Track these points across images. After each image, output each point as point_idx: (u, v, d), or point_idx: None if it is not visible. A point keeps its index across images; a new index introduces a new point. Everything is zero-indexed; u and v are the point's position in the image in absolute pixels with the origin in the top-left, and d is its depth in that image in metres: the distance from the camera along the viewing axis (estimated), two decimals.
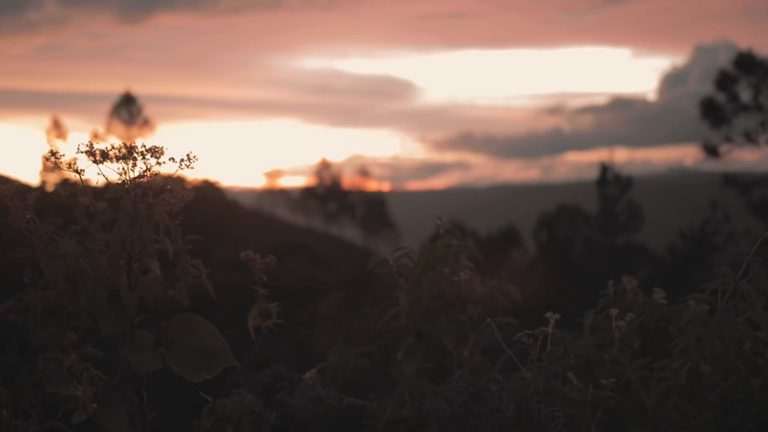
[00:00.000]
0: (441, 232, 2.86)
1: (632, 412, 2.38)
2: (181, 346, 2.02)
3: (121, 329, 1.97)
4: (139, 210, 1.94)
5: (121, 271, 1.97)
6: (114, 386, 2.02)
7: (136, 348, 1.97)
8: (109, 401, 2.00)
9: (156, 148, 1.96)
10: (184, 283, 2.04)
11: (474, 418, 2.50)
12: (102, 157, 1.93)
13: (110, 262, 1.97)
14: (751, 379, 2.31)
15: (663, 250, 35.88)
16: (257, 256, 2.28)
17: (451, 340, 2.77)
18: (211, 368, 2.02)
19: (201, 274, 2.06)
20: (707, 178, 46.67)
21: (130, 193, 1.94)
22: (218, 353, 2.04)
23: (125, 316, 1.98)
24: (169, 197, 1.98)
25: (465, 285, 2.79)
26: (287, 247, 38.19)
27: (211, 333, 2.05)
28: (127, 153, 1.94)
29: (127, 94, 51.84)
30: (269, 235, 45.94)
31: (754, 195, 32.62)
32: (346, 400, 2.72)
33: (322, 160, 77.52)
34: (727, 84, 33.93)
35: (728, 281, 2.37)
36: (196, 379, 2.00)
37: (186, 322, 2.05)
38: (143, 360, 1.95)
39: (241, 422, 2.61)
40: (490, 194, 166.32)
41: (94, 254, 1.95)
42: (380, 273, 2.86)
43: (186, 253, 2.03)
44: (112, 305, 1.97)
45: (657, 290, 2.72)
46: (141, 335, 2.01)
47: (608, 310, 2.55)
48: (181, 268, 2.03)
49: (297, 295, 18.50)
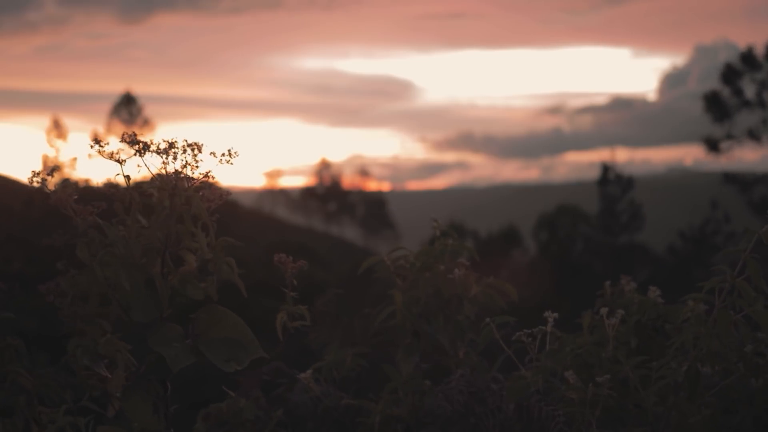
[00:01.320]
0: (437, 233, 2.88)
1: (631, 411, 2.38)
2: (209, 337, 2.04)
3: (153, 317, 1.99)
4: (176, 202, 1.97)
5: (156, 260, 2.00)
6: (140, 375, 2.04)
7: (165, 340, 1.99)
8: (134, 389, 2.02)
9: (196, 143, 1.98)
10: (216, 279, 2.06)
11: (475, 417, 2.51)
12: (144, 148, 1.95)
13: (145, 251, 1.99)
14: (751, 379, 2.32)
15: (663, 250, 35.90)
16: (290, 259, 2.31)
17: (448, 339, 2.78)
18: (240, 359, 2.04)
19: (234, 272, 2.08)
20: (707, 178, 46.68)
21: (169, 185, 1.96)
22: (245, 344, 2.06)
23: (159, 305, 2.00)
24: (209, 193, 2.01)
25: (461, 282, 2.79)
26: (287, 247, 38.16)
27: (237, 325, 2.07)
28: (169, 146, 1.97)
29: (127, 94, 51.89)
30: (269, 235, 45.96)
31: (755, 194, 32.64)
32: (344, 400, 2.73)
33: (322, 160, 77.62)
34: (732, 78, 33.94)
35: (725, 279, 2.37)
36: (229, 369, 2.01)
37: (212, 315, 2.07)
38: (177, 354, 1.96)
39: (237, 426, 2.62)
40: (490, 194, 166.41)
41: (133, 242, 1.98)
42: (378, 276, 2.87)
43: (221, 250, 2.05)
44: (144, 293, 1.99)
45: (652, 288, 2.72)
46: (170, 327, 2.03)
47: (606, 308, 2.56)
48: (213, 264, 2.05)
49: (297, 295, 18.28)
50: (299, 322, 2.34)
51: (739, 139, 33.85)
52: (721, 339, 2.32)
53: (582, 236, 38.27)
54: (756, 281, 2.34)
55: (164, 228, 1.98)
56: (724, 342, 2.32)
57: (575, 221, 39.00)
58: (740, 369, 2.32)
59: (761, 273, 2.35)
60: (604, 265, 35.05)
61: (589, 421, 2.32)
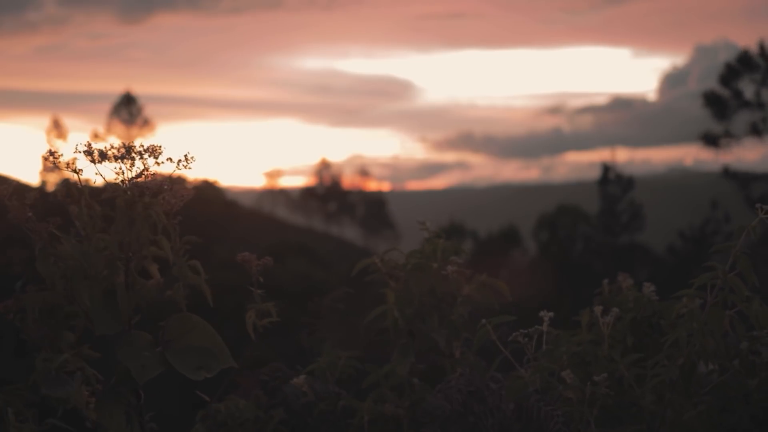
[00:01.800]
0: (426, 236, 2.86)
1: (627, 409, 2.37)
2: (179, 346, 2.01)
3: (117, 329, 1.96)
4: (136, 210, 1.93)
5: (119, 271, 1.96)
6: (111, 386, 2.02)
7: (134, 350, 1.96)
8: (106, 401, 1.99)
9: (154, 147, 1.95)
10: (182, 285, 2.03)
11: (474, 416, 2.51)
12: (100, 157, 1.92)
13: (107, 262, 1.96)
14: (747, 377, 2.31)
15: (663, 250, 35.89)
16: (254, 257, 2.27)
17: (443, 339, 2.77)
18: (210, 368, 2.01)
19: (199, 276, 2.04)
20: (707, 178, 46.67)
21: (128, 193, 1.93)
22: (216, 353, 2.03)
23: (119, 318, 1.96)
24: (169, 197, 1.97)
25: (454, 279, 2.78)
26: (287, 247, 38.20)
27: (208, 333, 2.04)
28: (126, 153, 1.93)
29: (127, 94, 51.88)
30: (269, 235, 45.94)
31: (754, 190, 32.61)
32: (340, 403, 2.72)
33: (322, 160, 77.60)
34: (730, 78, 33.92)
35: (717, 275, 2.36)
36: (197, 377, 1.99)
37: (183, 322, 2.04)
38: (143, 365, 1.93)
39: (236, 427, 2.61)
40: (490, 194, 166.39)
41: (92, 254, 1.94)
42: (372, 279, 2.87)
43: (183, 255, 2.02)
44: (108, 305, 1.96)
45: (647, 285, 2.71)
46: (138, 336, 2.00)
47: (600, 307, 2.55)
48: (178, 269, 2.02)
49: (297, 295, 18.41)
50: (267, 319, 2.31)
51: (738, 137, 33.84)
52: (713, 335, 2.31)
53: (582, 236, 38.24)
54: (747, 277, 2.34)
55: (124, 237, 1.94)
56: (716, 339, 2.31)
57: (575, 221, 38.98)
58: (735, 366, 2.32)
59: (752, 269, 2.34)
60: (604, 265, 35.02)
61: (587, 420, 2.32)
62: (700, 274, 2.42)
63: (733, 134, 33.85)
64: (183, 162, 1.97)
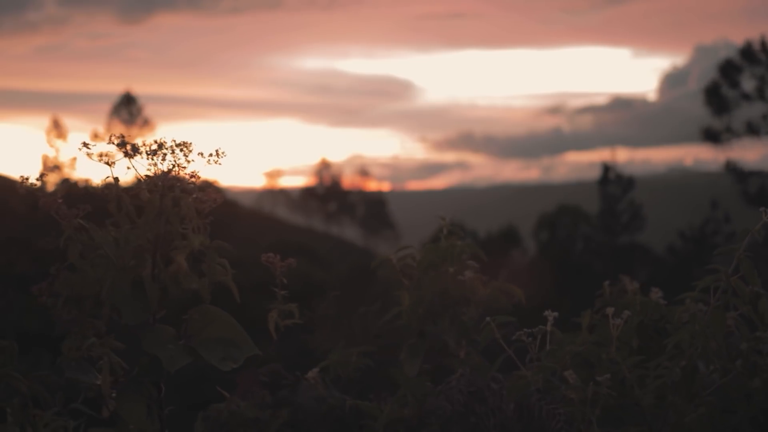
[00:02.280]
0: (444, 231, 2.84)
1: (629, 410, 2.37)
2: (201, 338, 2.03)
3: (143, 319, 1.98)
4: (166, 203, 1.96)
5: (146, 262, 1.99)
6: (134, 377, 2.03)
7: (159, 342, 1.98)
8: (128, 392, 2.01)
9: (185, 143, 1.97)
10: (209, 280, 2.04)
11: (475, 417, 2.50)
12: (133, 150, 1.94)
13: (135, 252, 1.98)
14: (749, 378, 2.30)
15: (663, 250, 35.89)
16: (278, 258, 2.31)
17: (454, 340, 2.76)
18: (235, 358, 2.03)
19: (227, 274, 2.06)
20: (707, 178, 46.69)
21: (158, 185, 1.95)
22: (239, 343, 2.05)
23: (147, 308, 1.98)
24: (202, 196, 1.99)
25: (470, 284, 2.77)
26: (287, 247, 38.22)
27: (229, 324, 2.06)
28: (157, 148, 1.96)
29: (127, 94, 51.85)
30: (269, 235, 45.94)
31: (752, 185, 32.60)
32: (348, 402, 2.71)
33: (322, 160, 77.57)
34: (731, 72, 33.90)
35: (719, 278, 2.36)
36: (224, 368, 2.00)
37: (205, 315, 2.06)
38: (172, 355, 1.95)
39: (236, 428, 2.60)
40: (490, 194, 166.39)
41: (121, 244, 1.97)
42: (382, 274, 2.85)
43: (214, 252, 2.04)
44: (135, 296, 1.98)
45: (654, 290, 2.71)
46: (163, 328, 2.02)
47: (605, 310, 2.54)
48: (207, 266, 2.04)
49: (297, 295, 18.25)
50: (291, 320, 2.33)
51: (738, 133, 33.83)
52: (715, 337, 2.30)
53: (582, 236, 38.25)
54: (750, 280, 2.33)
55: (153, 229, 1.96)
56: (718, 341, 2.31)
57: (576, 221, 38.98)
58: (737, 368, 2.32)
59: (756, 272, 2.33)
60: (604, 265, 35.02)
61: (589, 420, 2.31)
62: (701, 275, 2.42)
63: (733, 130, 33.83)
64: (213, 157, 1.98)
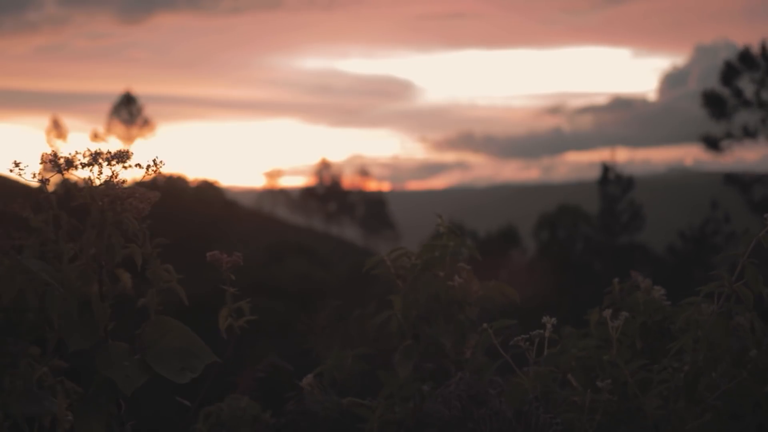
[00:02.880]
0: (440, 231, 2.82)
1: (631, 415, 2.35)
2: (157, 350, 1.95)
3: (92, 342, 1.90)
4: (107, 218, 1.88)
5: (92, 281, 1.90)
6: (89, 397, 1.96)
7: (114, 361, 1.90)
8: (85, 412, 1.93)
9: (122, 152, 1.89)
10: (156, 289, 1.97)
11: (473, 422, 2.48)
12: (66, 165, 1.87)
13: (80, 273, 1.90)
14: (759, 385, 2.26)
15: (663, 250, 35.85)
16: (224, 255, 2.25)
17: (449, 341, 2.74)
18: (193, 367, 1.96)
19: (172, 279, 1.99)
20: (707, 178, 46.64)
21: (98, 201, 1.87)
22: (196, 352, 1.98)
23: (96, 329, 1.91)
24: (136, 202, 1.91)
25: (460, 288, 2.74)
26: (287, 247, 38.16)
27: (185, 333, 1.99)
28: (93, 159, 1.88)
29: (127, 94, 51.82)
30: (269, 235, 45.90)
31: (756, 193, 32.57)
32: (344, 402, 2.70)
33: (322, 160, 77.50)
34: (730, 76, 33.89)
35: (722, 284, 2.32)
36: (182, 379, 1.94)
37: (158, 326, 1.98)
38: (128, 376, 1.88)
39: (237, 427, 2.60)
40: (490, 194, 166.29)
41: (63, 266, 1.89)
42: (378, 274, 2.83)
43: (156, 258, 1.96)
44: (81, 318, 1.90)
45: (657, 288, 2.68)
46: (115, 346, 1.94)
47: (609, 309, 2.52)
48: (151, 273, 1.96)
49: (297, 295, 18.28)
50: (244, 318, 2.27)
51: (738, 137, 33.80)
52: (719, 344, 2.28)
53: (582, 236, 38.21)
54: (754, 286, 2.29)
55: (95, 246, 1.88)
56: (720, 347, 2.28)
57: (576, 221, 38.95)
58: (742, 374, 2.28)
59: (760, 278, 2.30)
60: (604, 265, 35.01)
61: (589, 426, 2.30)
62: (701, 275, 2.40)
63: (733, 135, 33.81)
64: (152, 167, 1.91)
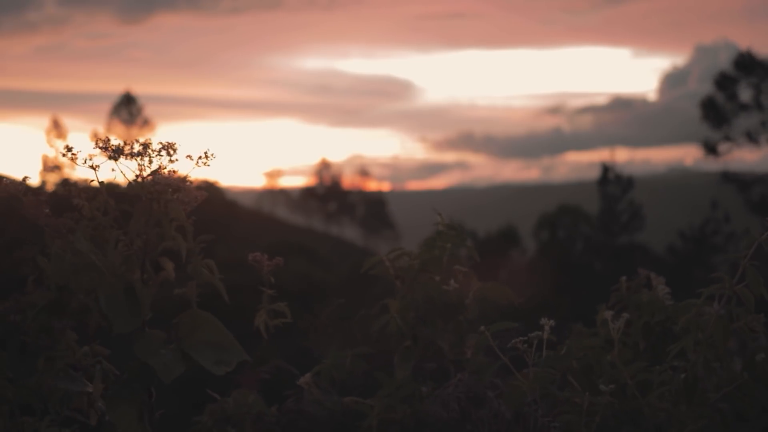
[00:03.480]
0: (440, 229, 2.80)
1: (631, 417, 2.34)
2: (191, 342, 2.00)
3: (135, 327, 1.94)
4: (156, 207, 1.91)
5: (135, 268, 1.95)
6: (123, 383, 2.00)
7: (152, 348, 1.94)
8: (118, 397, 1.97)
9: (170, 144, 1.92)
10: (196, 283, 2.02)
11: (471, 424, 2.48)
12: (117, 153, 1.90)
13: (125, 258, 1.94)
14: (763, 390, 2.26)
15: (662, 250, 35.86)
16: (265, 258, 2.27)
17: (447, 342, 2.73)
18: (227, 362, 2.01)
19: (213, 275, 2.03)
20: (707, 178, 46.60)
21: (147, 189, 1.90)
22: (228, 347, 2.02)
23: (138, 314, 1.95)
24: (183, 196, 1.94)
25: (455, 292, 2.73)
26: (287, 247, 38.15)
27: (218, 329, 2.03)
28: (142, 150, 1.91)
29: (127, 94, 51.83)
30: (269, 235, 45.90)
31: (754, 193, 32.58)
32: (344, 401, 2.70)
33: (322, 160, 77.52)
34: (726, 84, 33.93)
35: (723, 286, 2.31)
36: (219, 372, 1.98)
37: (194, 319, 2.03)
38: (166, 363, 1.92)
39: (243, 421, 2.60)
40: (490, 194, 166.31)
41: (109, 250, 1.92)
42: (377, 274, 2.82)
43: (199, 254, 2.01)
44: (125, 302, 1.94)
45: (661, 287, 2.67)
46: (153, 335, 1.99)
47: (611, 311, 2.51)
48: (193, 268, 2.00)
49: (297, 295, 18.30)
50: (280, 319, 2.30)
51: (737, 141, 33.82)
52: (720, 346, 2.27)
53: (582, 236, 38.20)
54: (755, 289, 2.28)
55: (141, 234, 1.92)
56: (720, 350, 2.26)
57: (576, 221, 38.94)
58: (744, 377, 2.27)
59: (761, 280, 2.28)
60: (604, 265, 35.01)
61: (589, 427, 2.29)
62: (700, 275, 2.40)
63: (732, 138, 33.83)
64: (202, 159, 1.94)
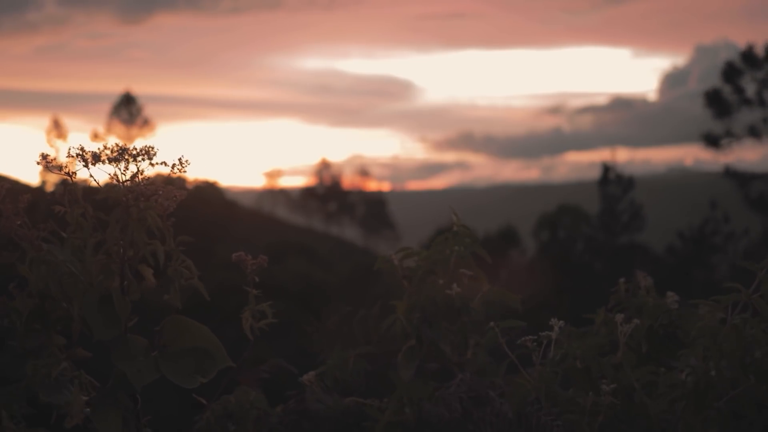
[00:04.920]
0: (455, 229, 2.78)
1: (636, 420, 2.33)
2: (174, 349, 1.98)
3: (114, 335, 1.93)
4: (132, 214, 1.90)
5: (114, 275, 1.93)
6: (107, 391, 1.98)
7: (129, 355, 1.93)
8: (102, 406, 1.96)
9: (148, 148, 1.91)
10: (177, 285, 1.99)
11: (473, 424, 2.48)
12: (94, 159, 1.89)
13: (102, 266, 1.93)
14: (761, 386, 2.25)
15: (662, 250, 35.87)
16: (249, 257, 2.25)
17: (449, 344, 2.72)
18: (206, 370, 1.99)
19: (193, 276, 2.01)
20: (707, 178, 46.63)
21: (123, 197, 1.89)
22: (212, 354, 2.01)
23: (118, 322, 1.93)
24: (162, 199, 1.92)
25: (458, 297, 2.72)
26: (287, 247, 38.18)
27: (203, 334, 2.01)
28: (119, 155, 1.89)
29: (127, 94, 51.83)
30: (269, 235, 45.94)
31: (754, 189, 32.56)
32: (347, 401, 2.70)
33: (322, 160, 77.56)
34: (733, 75, 33.91)
35: (739, 296, 2.30)
36: (191, 385, 1.96)
37: (177, 325, 2.01)
38: (140, 371, 1.91)
39: (245, 419, 2.60)
40: (490, 194, 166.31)
41: (86, 258, 1.91)
42: (384, 272, 2.80)
43: (178, 255, 1.99)
44: (103, 310, 1.92)
45: (670, 294, 2.65)
46: (134, 340, 1.97)
47: (616, 311, 2.50)
48: (173, 270, 1.98)
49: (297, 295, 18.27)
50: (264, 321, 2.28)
51: (739, 137, 33.81)
52: (730, 356, 2.26)
53: (582, 236, 38.22)
54: None
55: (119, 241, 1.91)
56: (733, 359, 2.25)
57: (576, 221, 38.95)
58: (750, 380, 2.26)
59: None
60: (604, 265, 35.03)
61: (591, 427, 2.29)
62: (701, 275, 2.39)
63: (734, 133, 33.83)
64: (178, 165, 1.93)
